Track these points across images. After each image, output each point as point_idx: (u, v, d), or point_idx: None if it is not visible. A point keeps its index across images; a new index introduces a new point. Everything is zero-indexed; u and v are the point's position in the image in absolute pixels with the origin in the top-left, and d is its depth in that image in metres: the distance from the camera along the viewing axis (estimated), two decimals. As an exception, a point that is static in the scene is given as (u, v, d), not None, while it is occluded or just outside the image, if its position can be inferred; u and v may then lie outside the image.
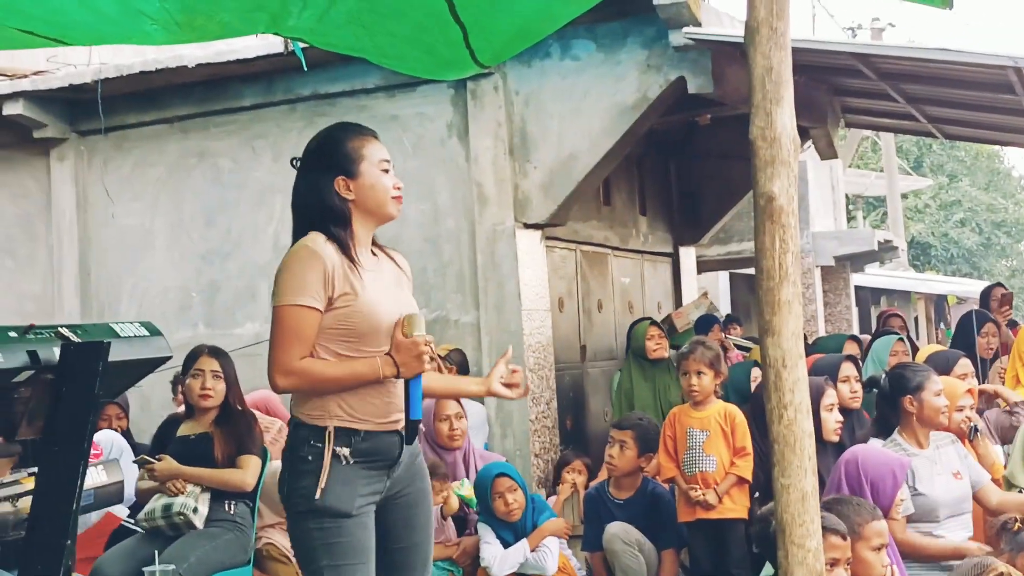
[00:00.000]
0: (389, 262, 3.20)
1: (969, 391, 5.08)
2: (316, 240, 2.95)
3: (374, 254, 3.14)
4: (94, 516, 4.96)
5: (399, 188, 3.10)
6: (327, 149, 3.09)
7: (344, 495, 2.93)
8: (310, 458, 2.93)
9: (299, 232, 3.05)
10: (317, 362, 2.93)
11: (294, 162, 3.12)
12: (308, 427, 2.96)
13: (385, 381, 2.96)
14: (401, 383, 3.01)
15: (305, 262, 2.91)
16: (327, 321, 2.94)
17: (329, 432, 2.93)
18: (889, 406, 4.79)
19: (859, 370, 5.62)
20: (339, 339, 2.96)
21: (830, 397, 4.88)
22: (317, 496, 2.90)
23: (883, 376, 5.01)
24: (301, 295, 2.89)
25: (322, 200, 3.02)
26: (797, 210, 2.52)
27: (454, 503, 5.12)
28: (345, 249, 2.98)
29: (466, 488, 5.21)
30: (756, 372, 6.25)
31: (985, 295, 8.53)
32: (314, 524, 2.93)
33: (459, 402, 5.30)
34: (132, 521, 4.73)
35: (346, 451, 2.94)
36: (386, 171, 3.08)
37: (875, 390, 5.07)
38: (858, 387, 5.32)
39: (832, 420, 4.83)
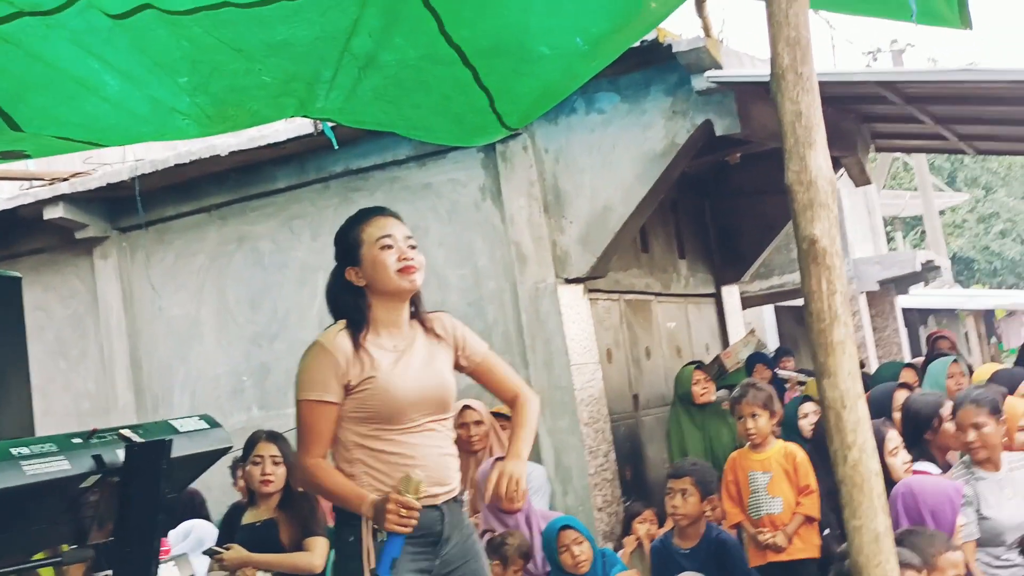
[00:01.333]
0: (424, 336, 3.23)
1: (1031, 411, 5.01)
2: (329, 335, 3.09)
3: (412, 327, 3.19)
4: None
5: (405, 259, 3.13)
6: (337, 243, 3.23)
7: (391, 572, 2.95)
8: (351, 539, 3.00)
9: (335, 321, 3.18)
10: (324, 469, 3.06)
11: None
12: (347, 512, 3.04)
13: (416, 456, 3.05)
14: (444, 447, 3.14)
15: (318, 359, 3.06)
16: (349, 405, 3.06)
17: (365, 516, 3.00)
18: (912, 442, 4.79)
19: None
20: (362, 421, 3.07)
21: (893, 440, 4.75)
22: (362, 571, 2.94)
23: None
24: (313, 390, 3.04)
25: (336, 292, 3.18)
26: (841, 250, 2.52)
27: None
28: (358, 335, 3.07)
29: None
30: (806, 407, 6.20)
31: None
32: None
33: None
34: None
35: (383, 532, 2.96)
36: (387, 247, 3.13)
37: None
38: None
39: (899, 464, 4.71)
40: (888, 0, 3.59)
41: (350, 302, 3.13)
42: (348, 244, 3.17)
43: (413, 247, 3.18)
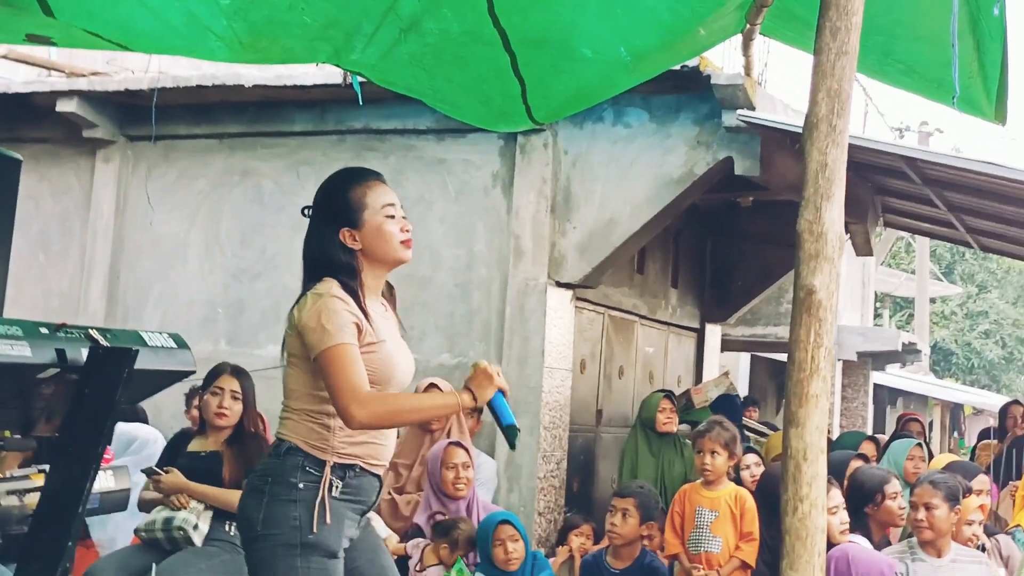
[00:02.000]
0: (391, 309, 3.21)
1: (981, 507, 5.04)
2: (331, 288, 2.93)
3: (382, 304, 3.15)
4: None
5: (407, 231, 3.06)
6: (331, 200, 3.05)
7: (334, 533, 2.90)
8: (301, 486, 2.88)
9: (309, 278, 3.02)
10: (391, 394, 2.97)
11: (305, 211, 3.09)
12: (304, 455, 2.91)
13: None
14: (394, 433, 3.11)
15: (338, 307, 2.89)
16: None
17: (328, 464, 2.91)
18: (853, 515, 4.82)
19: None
20: None
21: (835, 499, 4.78)
22: (313, 530, 2.85)
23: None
24: (344, 334, 2.86)
25: (328, 253, 3.00)
26: (835, 307, 2.52)
27: None
28: (357, 300, 2.96)
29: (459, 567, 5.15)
30: (748, 459, 6.22)
31: (1003, 412, 8.46)
32: (301, 561, 2.85)
33: (468, 452, 5.29)
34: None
35: (339, 484, 2.92)
36: (391, 216, 3.03)
37: None
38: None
39: (837, 523, 4.73)
40: (932, 80, 3.61)
41: (344, 262, 2.99)
42: (346, 204, 3.02)
43: (405, 217, 3.09)
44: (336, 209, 3.03)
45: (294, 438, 2.94)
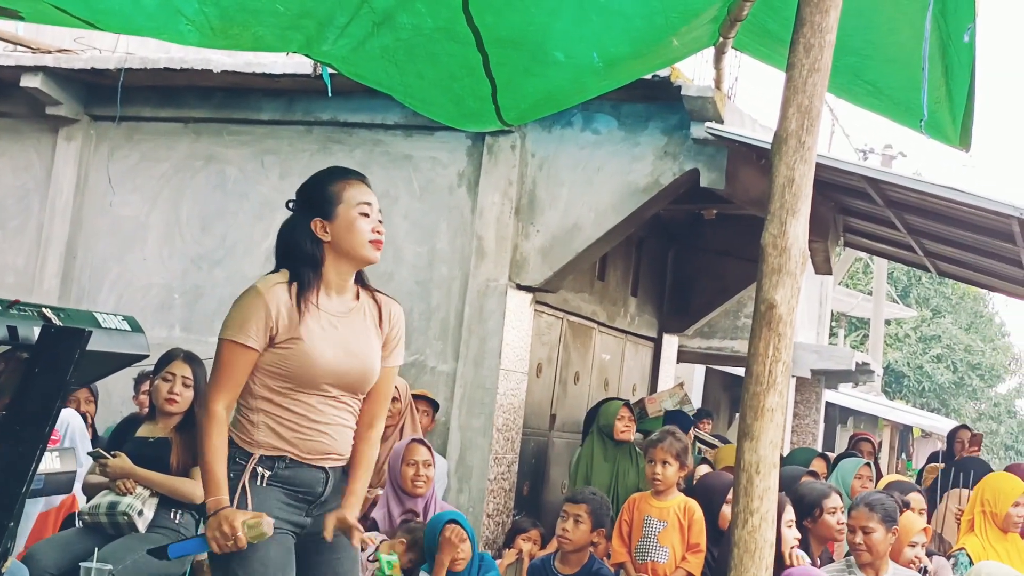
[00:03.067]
0: (371, 308, 3.19)
1: (924, 530, 5.08)
2: (268, 282, 3.01)
3: (357, 297, 3.16)
4: (57, 499, 4.92)
5: (379, 232, 3.10)
6: (310, 191, 3.13)
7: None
8: (231, 475, 2.96)
9: (277, 266, 3.10)
10: (216, 432, 2.95)
11: (289, 204, 3.16)
12: (236, 447, 3.01)
13: (319, 422, 3.04)
14: (347, 422, 3.12)
15: (251, 303, 2.98)
16: (267, 358, 2.99)
17: (254, 456, 2.99)
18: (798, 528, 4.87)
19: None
20: (274, 376, 3.01)
21: (790, 514, 4.85)
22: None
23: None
24: (240, 333, 2.95)
25: (296, 240, 3.07)
26: (795, 322, 2.53)
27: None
28: (303, 292, 3.01)
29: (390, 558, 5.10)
30: (701, 470, 6.25)
31: (951, 436, 8.55)
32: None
33: (430, 450, 5.26)
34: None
35: (266, 473, 2.99)
36: (365, 215, 3.09)
37: None
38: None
39: (790, 536, 4.78)
40: (900, 102, 3.64)
41: (308, 251, 3.05)
42: (324, 196, 3.09)
43: (381, 221, 3.15)
44: (313, 199, 3.11)
45: (231, 431, 3.05)
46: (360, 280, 3.21)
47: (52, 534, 4.84)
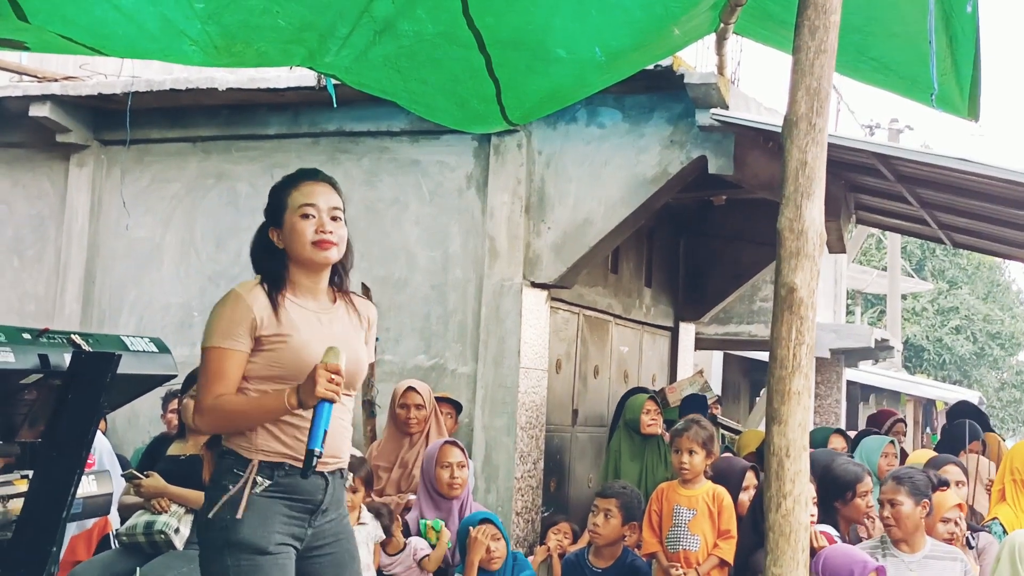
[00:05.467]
0: (348, 310, 3.19)
1: (959, 505, 5.08)
2: (245, 286, 3.01)
3: (333, 300, 3.15)
4: (89, 521, 4.97)
5: (323, 232, 3.03)
6: (268, 199, 3.15)
7: (261, 530, 2.91)
8: (230, 487, 2.92)
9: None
10: (230, 398, 2.92)
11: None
12: (233, 456, 2.96)
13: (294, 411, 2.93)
14: (338, 430, 3.02)
15: (230, 307, 2.96)
16: (257, 362, 2.97)
17: (253, 463, 2.94)
18: (823, 507, 4.87)
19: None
20: (269, 380, 2.98)
21: (810, 491, 4.84)
22: (234, 525, 2.88)
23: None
24: (224, 338, 2.93)
25: (258, 251, 3.11)
26: (816, 304, 2.55)
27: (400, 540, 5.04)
28: (273, 295, 3.00)
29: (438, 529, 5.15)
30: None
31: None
32: (231, 560, 2.89)
33: (463, 451, 5.28)
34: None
35: (267, 482, 2.93)
36: (306, 216, 3.04)
37: None
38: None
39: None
40: (907, 77, 3.65)
41: (268, 261, 3.06)
42: (275, 204, 3.10)
43: (336, 219, 3.08)
44: (268, 207, 3.13)
45: (226, 441, 3.01)
46: (338, 284, 3.19)
47: (88, 557, 4.89)
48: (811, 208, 2.49)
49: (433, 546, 5.03)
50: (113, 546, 4.69)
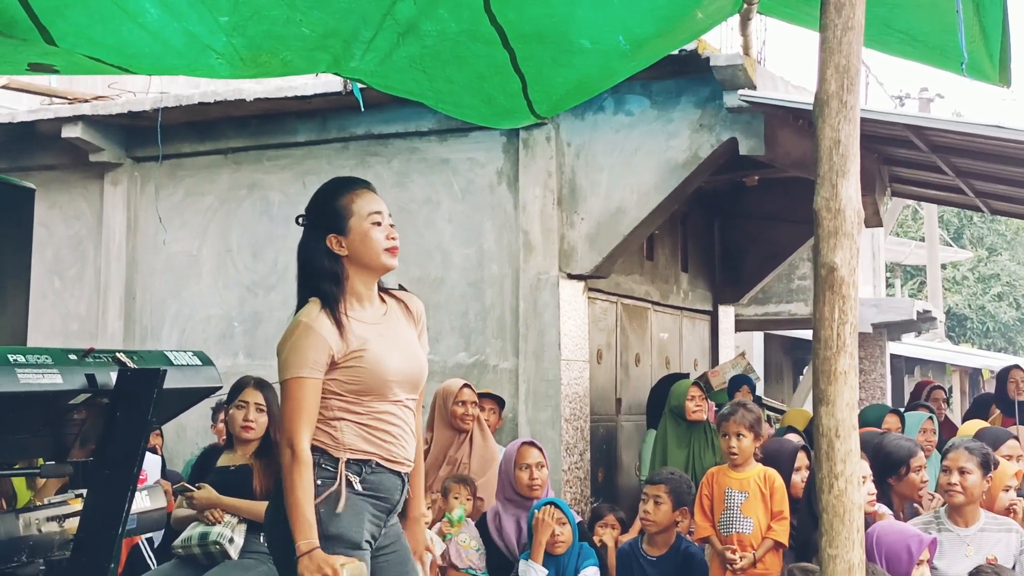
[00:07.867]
0: (398, 308, 3.25)
1: (1017, 473, 5.04)
2: (310, 313, 3.03)
3: (383, 300, 3.21)
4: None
5: (393, 238, 3.14)
6: (320, 208, 3.16)
7: (355, 524, 2.98)
8: (319, 483, 2.96)
9: (300, 286, 3.14)
10: (302, 471, 2.92)
11: (299, 220, 3.19)
12: (320, 452, 3.01)
13: (393, 425, 3.07)
14: (412, 425, 3.17)
15: (305, 337, 3.00)
16: (339, 379, 3.03)
17: (343, 460, 3.01)
18: (876, 484, 4.84)
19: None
20: (346, 394, 3.04)
21: (864, 470, 4.80)
22: (330, 519, 2.93)
23: None
24: (304, 367, 2.97)
25: (315, 259, 3.11)
26: (857, 282, 2.53)
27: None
28: (335, 310, 3.04)
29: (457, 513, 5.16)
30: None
31: (1003, 376, 8.01)
32: (328, 552, 2.91)
33: (542, 451, 5.27)
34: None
35: (356, 479, 3.00)
36: (377, 223, 3.12)
37: None
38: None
39: (864, 494, 4.72)
40: (935, 47, 3.61)
41: (328, 269, 3.09)
42: (334, 211, 3.12)
43: (393, 225, 3.19)
44: (325, 216, 3.13)
45: (314, 440, 3.04)
46: (381, 285, 3.26)
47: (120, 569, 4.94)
48: (847, 186, 2.47)
49: (449, 538, 5.05)
50: (146, 558, 4.73)
